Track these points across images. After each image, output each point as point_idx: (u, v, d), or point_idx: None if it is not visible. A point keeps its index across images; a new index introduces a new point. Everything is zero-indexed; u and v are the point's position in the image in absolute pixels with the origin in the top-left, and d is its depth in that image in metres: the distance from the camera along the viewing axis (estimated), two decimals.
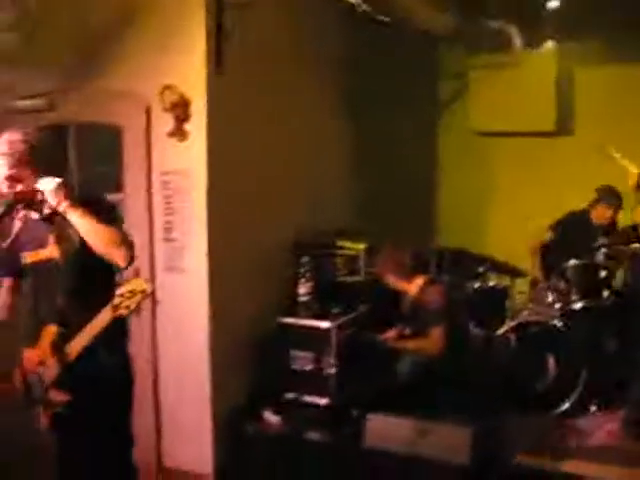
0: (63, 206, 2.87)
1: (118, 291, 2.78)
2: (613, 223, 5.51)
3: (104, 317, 2.82)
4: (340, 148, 5.76)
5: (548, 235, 5.65)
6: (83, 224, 2.86)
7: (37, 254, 3.00)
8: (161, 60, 4.30)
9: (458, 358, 4.40)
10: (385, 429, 3.51)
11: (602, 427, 4.51)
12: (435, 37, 6.35)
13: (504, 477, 3.62)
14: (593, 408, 4.73)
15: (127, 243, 2.93)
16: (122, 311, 2.79)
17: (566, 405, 4.66)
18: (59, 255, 2.95)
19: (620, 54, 5.92)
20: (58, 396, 2.95)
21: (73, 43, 4.38)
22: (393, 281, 4.71)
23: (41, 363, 2.99)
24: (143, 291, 2.78)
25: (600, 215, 5.50)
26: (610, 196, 5.44)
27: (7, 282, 3.18)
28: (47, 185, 2.89)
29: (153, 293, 4.50)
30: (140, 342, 4.56)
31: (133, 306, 2.79)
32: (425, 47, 6.51)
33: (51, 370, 2.96)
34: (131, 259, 2.92)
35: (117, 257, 2.89)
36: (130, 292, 2.78)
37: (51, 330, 2.97)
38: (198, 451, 4.50)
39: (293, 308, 4.95)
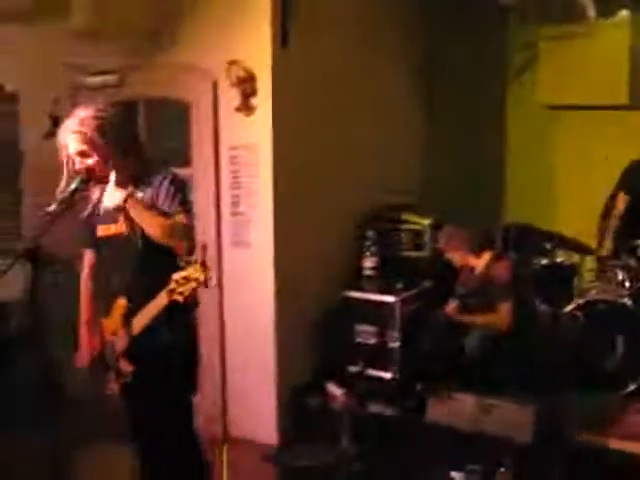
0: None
1: (174, 276, 2.81)
2: None
3: (161, 301, 2.88)
4: (409, 121, 5.71)
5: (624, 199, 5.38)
6: (141, 218, 2.92)
7: (109, 228, 3.08)
8: (227, 35, 4.35)
9: (524, 334, 4.36)
10: (449, 405, 3.51)
11: None
12: (506, 7, 6.21)
13: (567, 455, 3.59)
14: None
15: (185, 234, 2.96)
16: (177, 297, 2.81)
17: (634, 386, 4.58)
18: (129, 231, 3.03)
19: None
20: (126, 366, 3.05)
21: (142, 19, 4.44)
22: (459, 257, 4.67)
23: (113, 333, 3.09)
24: (197, 279, 2.78)
25: None
26: None
27: (88, 254, 3.26)
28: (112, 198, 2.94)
29: (220, 267, 4.63)
30: (207, 315, 4.67)
31: (187, 293, 2.79)
32: (495, 18, 6.37)
33: (121, 341, 3.06)
34: (191, 249, 2.95)
35: (175, 248, 2.96)
36: (184, 279, 2.79)
37: (121, 303, 3.06)
38: (263, 422, 4.59)
39: (358, 282, 4.98)
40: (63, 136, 2.99)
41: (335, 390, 4.63)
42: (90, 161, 2.97)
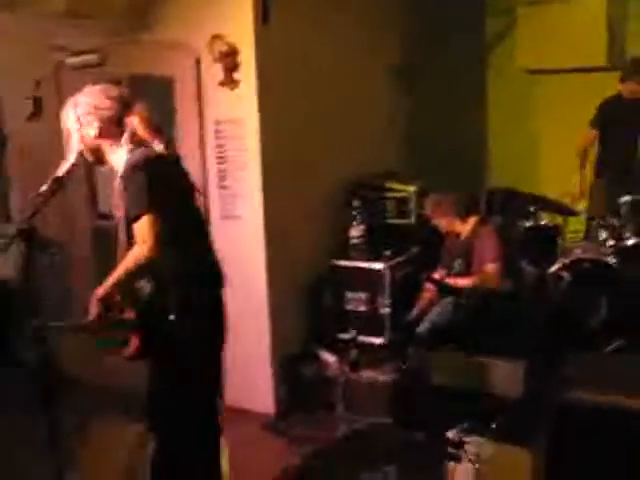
0: None
1: None
2: None
3: None
4: (391, 90, 5.75)
5: (592, 134, 5.61)
6: None
7: None
8: (209, 11, 4.36)
9: (511, 295, 4.47)
10: (439, 364, 3.61)
11: None
12: None
13: (556, 411, 3.70)
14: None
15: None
16: None
17: (618, 342, 4.69)
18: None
19: None
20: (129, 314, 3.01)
21: None
22: (445, 223, 4.74)
23: None
24: None
25: (632, 91, 5.44)
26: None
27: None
28: None
29: None
30: None
31: None
32: None
33: None
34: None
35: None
36: None
37: None
38: (259, 391, 4.67)
39: (345, 251, 5.05)
40: (72, 117, 2.98)
41: (328, 358, 4.73)
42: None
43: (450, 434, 3.51)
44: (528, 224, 5.16)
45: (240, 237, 4.58)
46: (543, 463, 3.52)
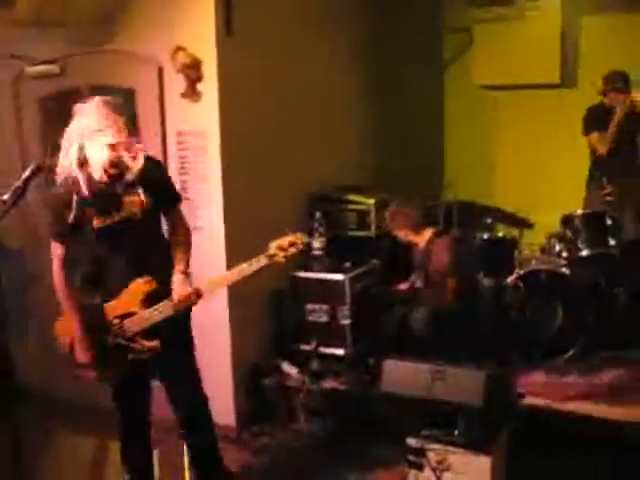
0: None
1: (278, 242, 3.35)
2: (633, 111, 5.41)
3: (259, 263, 3.38)
4: (351, 105, 5.82)
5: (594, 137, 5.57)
6: None
7: (109, 218, 3.23)
8: (172, 22, 4.36)
9: (468, 307, 4.54)
10: (401, 374, 3.64)
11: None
12: None
13: (515, 419, 3.78)
14: (600, 353, 4.87)
15: None
16: (279, 259, 3.35)
17: (573, 351, 4.80)
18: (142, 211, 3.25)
19: (624, 3, 5.93)
20: (148, 343, 3.29)
21: (87, 7, 4.42)
22: (403, 234, 4.81)
23: (124, 315, 3.30)
24: (302, 243, 3.32)
25: (612, 100, 5.47)
26: (613, 81, 5.41)
27: (58, 247, 3.33)
28: None
29: None
30: None
31: (289, 256, 3.34)
32: (429, 1, 6.53)
33: (140, 320, 3.29)
34: None
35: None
36: (291, 244, 3.32)
37: (143, 283, 3.28)
38: (221, 403, 4.63)
39: (306, 262, 5.08)
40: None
41: (290, 369, 4.75)
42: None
43: (411, 442, 3.56)
44: (485, 236, 5.26)
45: (201, 248, 4.55)
46: (503, 468, 3.60)
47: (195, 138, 4.47)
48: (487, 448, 3.46)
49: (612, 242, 4.99)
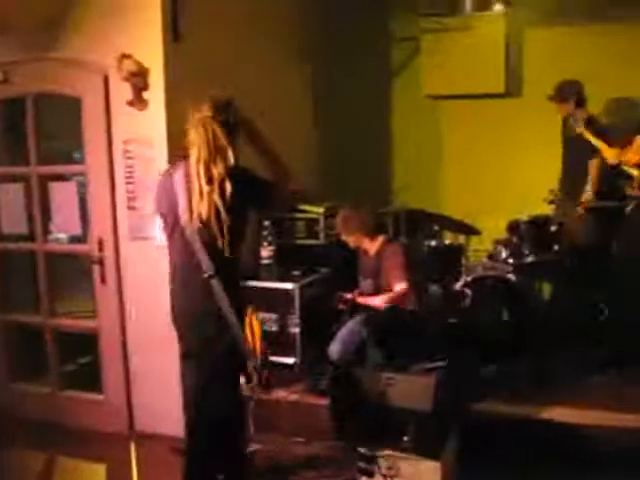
0: None
1: None
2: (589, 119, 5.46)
3: None
4: (299, 112, 5.82)
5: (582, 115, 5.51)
6: None
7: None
8: (118, 29, 4.31)
9: (418, 312, 4.58)
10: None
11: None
12: (387, 1, 6.44)
13: (464, 422, 3.82)
14: (545, 357, 4.95)
15: None
16: None
17: (520, 354, 4.87)
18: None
19: (567, 16, 6.06)
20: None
21: (31, 13, 4.35)
22: (354, 239, 4.80)
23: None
24: None
25: (562, 110, 5.59)
26: (561, 91, 5.51)
27: None
28: None
29: (118, 263, 4.61)
30: (107, 310, 4.64)
31: None
32: (377, 11, 6.59)
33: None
34: None
35: None
36: None
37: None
38: (169, 415, 4.59)
39: (256, 271, 5.06)
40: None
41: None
42: None
43: (362, 449, 3.57)
44: (432, 243, 5.31)
45: (149, 258, 4.52)
46: (454, 473, 3.63)
47: (142, 147, 4.43)
48: (436, 453, 3.48)
49: (556, 248, 5.09)
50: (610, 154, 4.79)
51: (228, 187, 3.17)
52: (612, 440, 3.89)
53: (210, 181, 3.18)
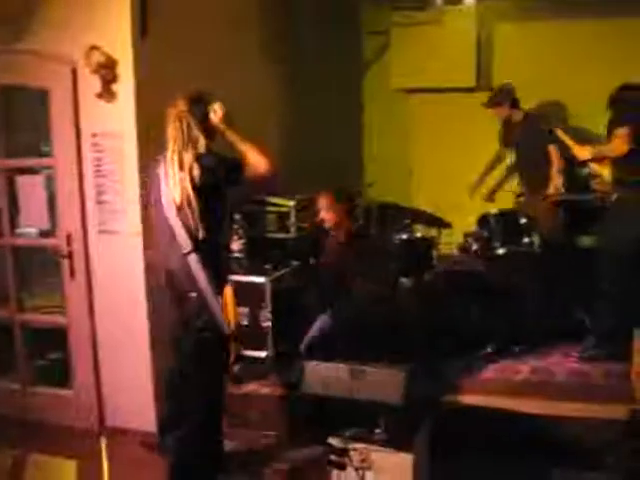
0: None
1: None
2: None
3: None
4: (269, 105, 5.80)
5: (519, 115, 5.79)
6: None
7: None
8: (86, 21, 4.26)
9: (388, 305, 4.59)
10: (323, 375, 3.66)
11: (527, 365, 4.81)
12: None
13: (435, 414, 3.84)
14: (516, 349, 5.00)
15: None
16: None
17: (490, 347, 4.92)
18: None
19: (537, 10, 6.11)
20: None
21: None
22: (332, 215, 4.70)
23: None
24: None
25: (499, 114, 5.80)
26: (495, 97, 5.73)
27: None
28: None
29: (87, 257, 4.57)
30: (76, 305, 4.60)
31: None
32: (348, 4, 6.59)
33: None
34: None
35: None
36: None
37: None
38: (141, 410, 4.57)
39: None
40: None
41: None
42: None
43: (334, 442, 3.57)
44: (404, 236, 5.33)
45: (118, 252, 4.49)
46: (426, 465, 3.65)
47: (111, 140, 4.38)
48: (408, 445, 3.50)
49: (526, 240, 5.13)
50: (581, 152, 4.82)
51: (196, 172, 3.45)
52: (575, 431, 3.95)
53: (182, 168, 3.47)
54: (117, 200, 4.46)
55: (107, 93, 4.33)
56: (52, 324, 4.82)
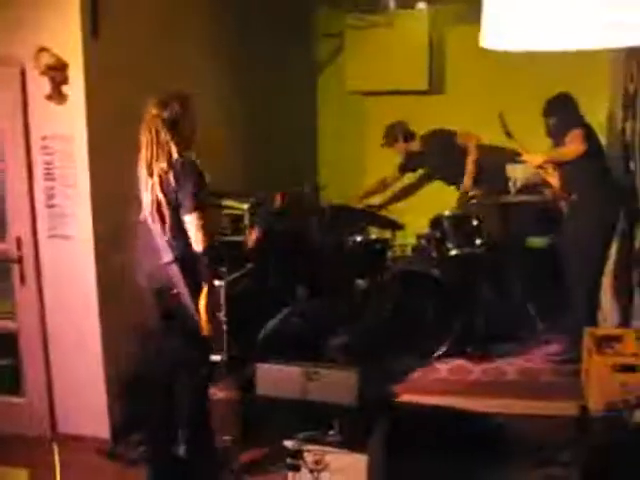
0: None
1: None
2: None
3: None
4: (222, 108, 5.77)
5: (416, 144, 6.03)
6: None
7: None
8: (35, 22, 4.19)
9: (342, 306, 4.62)
10: (275, 377, 3.66)
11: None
12: None
13: (389, 414, 3.87)
14: (468, 350, 5.06)
15: None
16: None
17: (444, 347, 4.97)
18: None
19: None
20: None
21: None
22: None
23: None
24: None
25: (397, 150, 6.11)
26: (388, 135, 6.04)
27: None
28: None
29: (38, 261, 4.49)
30: (27, 310, 4.53)
31: None
32: (302, 6, 6.60)
33: None
34: None
35: None
36: None
37: None
38: (94, 416, 4.52)
39: None
40: None
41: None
42: None
43: (288, 444, 3.57)
44: (358, 238, 5.35)
45: (69, 257, 4.43)
46: (382, 465, 3.67)
47: (61, 142, 4.32)
48: (362, 446, 3.51)
49: (478, 242, 5.20)
50: (533, 158, 4.89)
51: (170, 180, 3.47)
52: (528, 429, 4.01)
53: (151, 175, 3.51)
54: (67, 204, 4.39)
55: (57, 95, 4.27)
56: (2, 330, 4.74)
